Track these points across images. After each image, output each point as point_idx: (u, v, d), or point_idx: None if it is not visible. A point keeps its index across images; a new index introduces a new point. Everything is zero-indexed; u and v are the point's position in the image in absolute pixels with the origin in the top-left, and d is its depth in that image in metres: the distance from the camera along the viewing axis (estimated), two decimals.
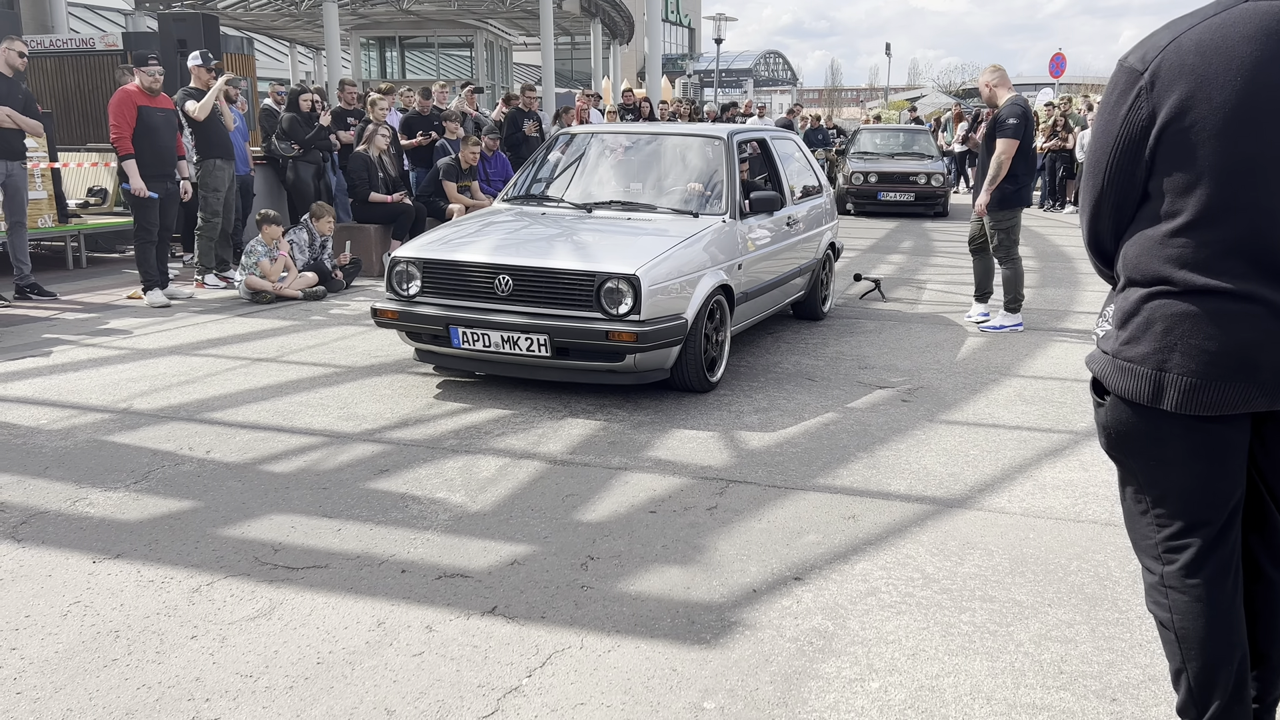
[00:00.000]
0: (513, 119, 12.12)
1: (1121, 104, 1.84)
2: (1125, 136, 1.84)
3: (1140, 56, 1.82)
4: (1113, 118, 1.86)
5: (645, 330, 4.80)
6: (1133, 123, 1.82)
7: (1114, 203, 1.92)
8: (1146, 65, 1.80)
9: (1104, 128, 1.89)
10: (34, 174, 8.97)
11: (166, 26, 10.56)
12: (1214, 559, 1.97)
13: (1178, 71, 1.76)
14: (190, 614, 2.94)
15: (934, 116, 27.62)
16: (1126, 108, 1.83)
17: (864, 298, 8.34)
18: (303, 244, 8.40)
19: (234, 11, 25.01)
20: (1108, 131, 1.88)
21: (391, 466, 4.18)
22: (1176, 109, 1.76)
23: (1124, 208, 1.91)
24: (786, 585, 3.14)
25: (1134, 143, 1.83)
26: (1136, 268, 1.89)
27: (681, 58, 58.63)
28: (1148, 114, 1.80)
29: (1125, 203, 1.90)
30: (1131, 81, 1.82)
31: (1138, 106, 1.81)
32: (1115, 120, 1.85)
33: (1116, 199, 1.91)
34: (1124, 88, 1.83)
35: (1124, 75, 1.84)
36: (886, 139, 17.48)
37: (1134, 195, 1.89)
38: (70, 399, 5.12)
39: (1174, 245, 1.82)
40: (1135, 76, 1.81)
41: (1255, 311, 1.78)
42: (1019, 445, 4.54)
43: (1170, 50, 1.77)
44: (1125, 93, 1.83)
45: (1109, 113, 1.87)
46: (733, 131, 6.39)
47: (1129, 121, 1.83)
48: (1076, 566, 3.29)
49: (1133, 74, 1.82)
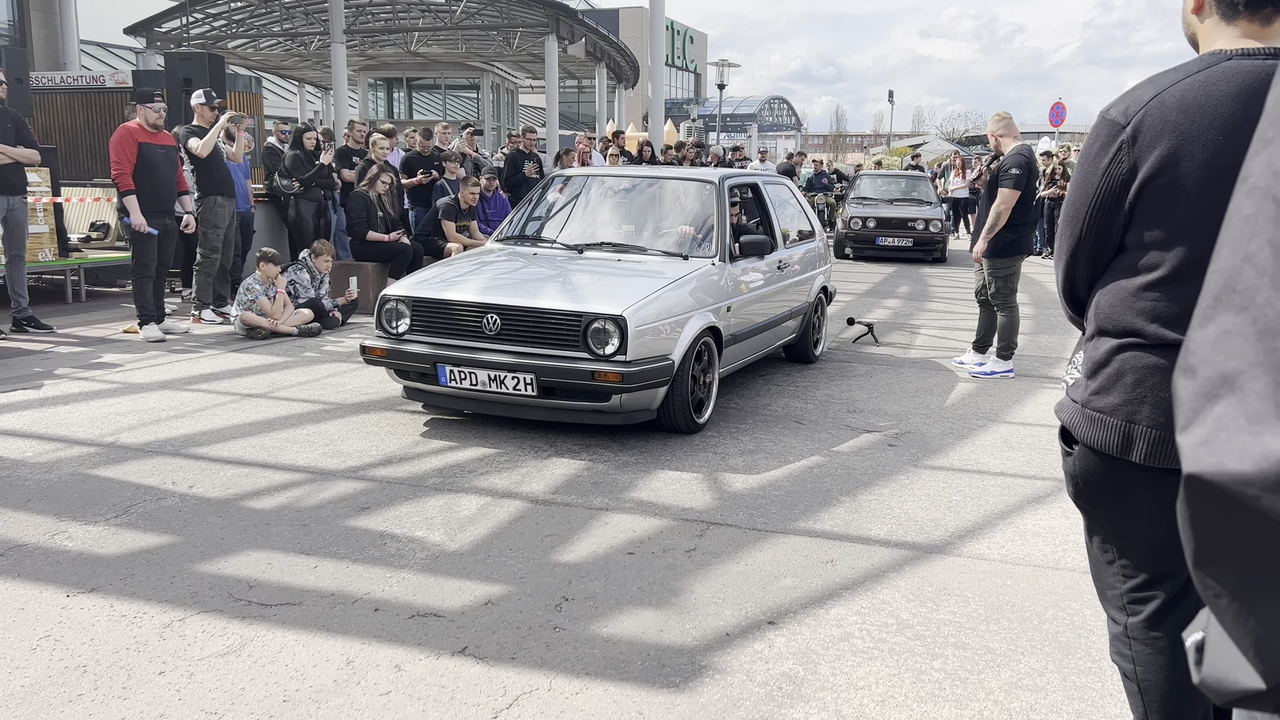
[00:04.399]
0: (513, 160, 12.25)
1: (1103, 156, 1.84)
2: (1105, 188, 1.85)
3: (1123, 110, 1.83)
4: (1093, 169, 1.87)
5: (631, 371, 4.82)
6: (1113, 175, 1.83)
7: (1090, 252, 1.92)
8: (1129, 119, 1.80)
9: (1084, 178, 1.90)
10: (36, 209, 9.06)
11: (173, 65, 10.71)
12: (1178, 612, 1.97)
13: (1160, 127, 1.77)
14: (160, 649, 2.93)
15: (935, 163, 27.85)
16: (1108, 160, 1.83)
17: (857, 341, 8.36)
18: (304, 283, 8.46)
19: (244, 51, 25.37)
20: (1088, 182, 1.88)
21: (373, 504, 4.18)
22: (1158, 165, 1.77)
23: (1100, 258, 1.92)
24: (760, 629, 3.13)
25: (1113, 194, 1.84)
26: (1109, 318, 1.89)
27: (687, 102, 59.23)
28: (1129, 167, 1.81)
29: (1101, 253, 1.91)
30: (1113, 134, 1.82)
31: (1119, 159, 1.82)
32: (1096, 172, 1.86)
33: (1093, 249, 1.92)
34: (1105, 140, 1.84)
35: (1106, 127, 1.85)
36: (886, 185, 17.60)
37: (1111, 245, 1.90)
38: (58, 432, 5.14)
39: (1148, 298, 1.83)
40: (1117, 129, 1.82)
41: None
42: (1002, 491, 4.53)
43: (1153, 105, 1.78)
44: (1106, 145, 1.84)
45: (1090, 163, 1.88)
46: (724, 176, 6.45)
47: (1109, 174, 1.83)
48: (1052, 614, 3.27)
49: (1115, 127, 1.83)
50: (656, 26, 18.06)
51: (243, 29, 23.88)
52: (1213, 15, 1.83)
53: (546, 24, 20.91)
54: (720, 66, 40.06)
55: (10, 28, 21.35)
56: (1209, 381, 0.69)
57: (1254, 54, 1.76)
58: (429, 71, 28.13)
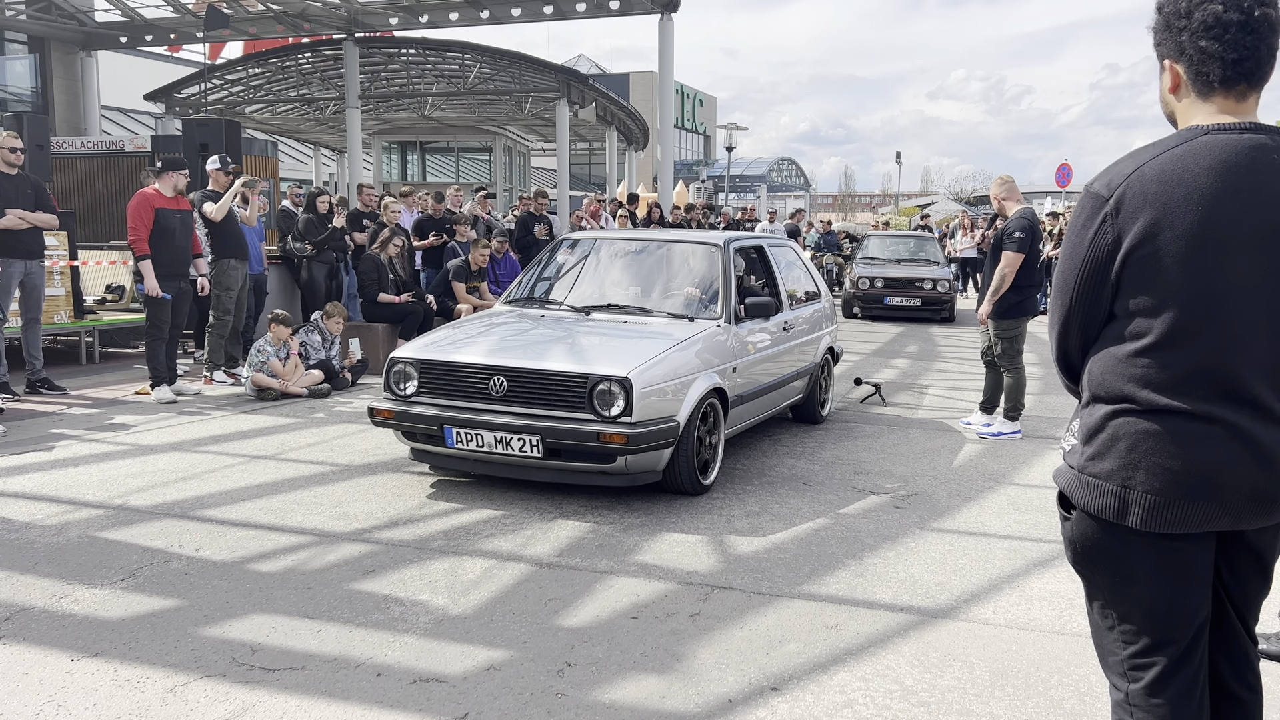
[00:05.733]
0: (523, 222, 12.40)
1: (1088, 228, 1.90)
2: (1092, 259, 1.90)
3: (1106, 183, 1.89)
4: (1080, 240, 1.92)
5: (636, 432, 4.84)
6: (1099, 246, 1.89)
7: (1081, 321, 1.97)
8: (1111, 192, 1.87)
9: (1072, 249, 1.95)
10: (53, 271, 9.21)
11: (190, 130, 10.96)
12: (1179, 678, 1.96)
13: (1141, 200, 1.83)
14: (162, 715, 2.93)
15: (944, 223, 28.04)
16: (1093, 232, 1.89)
17: (864, 401, 8.37)
18: (315, 344, 8.55)
19: (261, 116, 25.87)
20: (1075, 253, 1.94)
21: (378, 567, 4.19)
22: (1141, 235, 1.83)
23: (1090, 326, 1.97)
24: (763, 696, 3.11)
25: (1100, 265, 1.89)
26: (1102, 385, 1.93)
27: (696, 163, 59.98)
28: (1113, 238, 1.86)
29: (1092, 321, 1.96)
30: (1097, 207, 1.89)
31: (1103, 231, 1.87)
32: (1082, 243, 1.92)
33: (1084, 318, 1.96)
34: (1090, 212, 1.90)
35: (1090, 200, 1.91)
36: (894, 245, 17.74)
37: (1100, 314, 1.94)
38: (67, 494, 5.18)
39: (1138, 365, 1.87)
40: (1101, 202, 1.88)
41: (1215, 432, 1.82)
42: (1009, 555, 4.51)
43: (1134, 179, 1.85)
44: (1091, 217, 1.90)
45: (1077, 235, 1.94)
46: (729, 239, 6.53)
47: (1095, 245, 1.89)
48: (1058, 680, 3.24)
49: (1098, 200, 1.89)
50: (666, 91, 18.35)
51: (260, 94, 24.38)
52: (1189, 94, 1.90)
53: (558, 89, 21.29)
54: (729, 130, 40.65)
55: (33, 94, 21.87)
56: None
57: (1229, 129, 1.83)
58: (442, 135, 28.59)
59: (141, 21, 20.67)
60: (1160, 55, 1.94)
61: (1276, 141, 1.82)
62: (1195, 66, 1.87)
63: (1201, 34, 1.84)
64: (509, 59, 21.21)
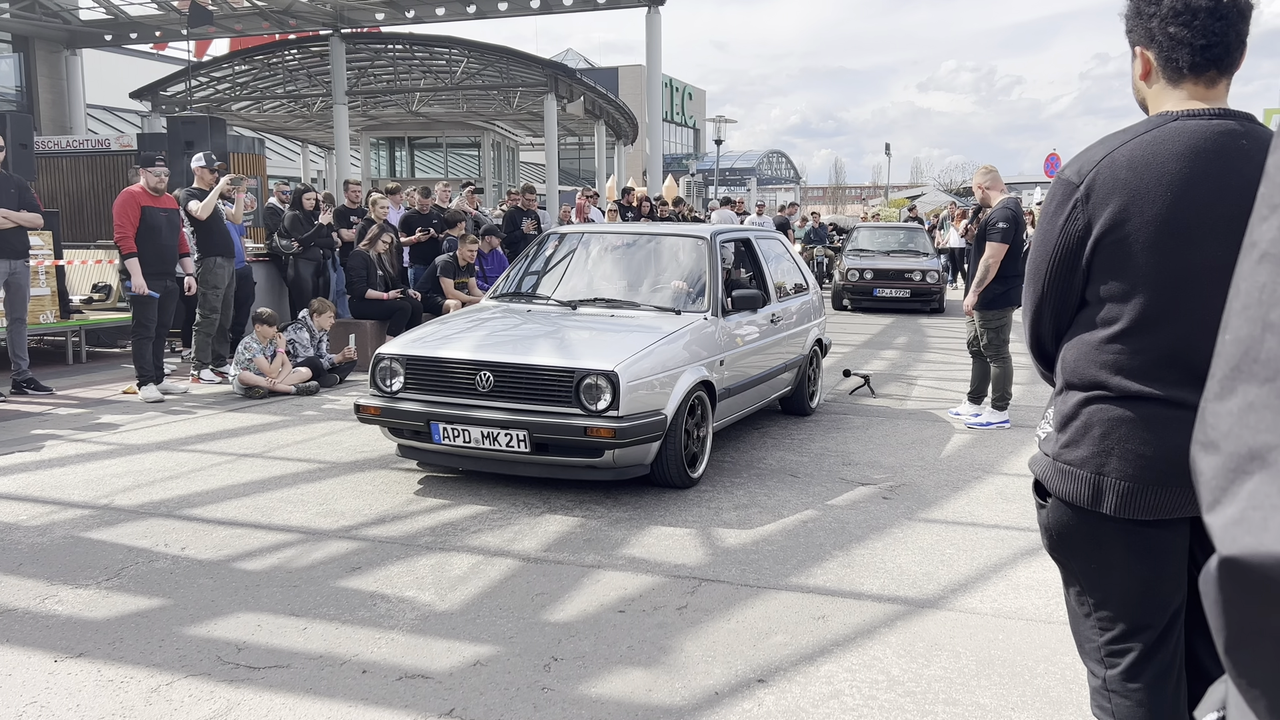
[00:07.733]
0: (511, 218, 12.38)
1: (1059, 214, 1.91)
2: (1063, 245, 1.91)
3: (1076, 170, 1.89)
4: (1051, 227, 1.93)
5: (624, 426, 4.83)
6: (1069, 233, 1.89)
7: (1054, 308, 1.98)
8: (1082, 178, 1.87)
9: (1044, 236, 1.96)
10: (38, 271, 9.15)
11: (175, 128, 10.91)
12: (1155, 663, 1.98)
13: (1111, 186, 1.83)
14: (146, 714, 2.91)
15: (933, 214, 28.06)
16: (1064, 218, 1.90)
17: (853, 393, 8.38)
18: (304, 342, 8.51)
19: (248, 113, 25.73)
20: (1047, 240, 1.94)
21: (364, 564, 4.18)
22: (1111, 221, 1.83)
23: (1063, 313, 1.97)
24: (749, 687, 3.11)
25: (1071, 251, 1.90)
26: (1075, 371, 1.93)
27: (686, 157, 59.86)
28: (1084, 224, 1.87)
29: (1064, 308, 1.96)
30: (1068, 193, 1.89)
31: (1074, 217, 1.88)
32: (1054, 229, 1.92)
33: (1056, 304, 1.97)
34: (1061, 199, 1.91)
35: (1061, 187, 1.91)
36: (883, 237, 17.74)
37: (1072, 301, 1.95)
38: (52, 495, 5.15)
39: (1110, 351, 1.87)
40: (1071, 189, 1.89)
41: (1187, 418, 1.81)
42: (996, 544, 4.52)
43: (1104, 165, 1.85)
44: (1063, 204, 1.90)
45: (1048, 221, 1.95)
46: (716, 232, 6.52)
47: (1066, 231, 1.90)
48: (1044, 669, 3.25)
49: (1069, 186, 1.89)
50: (653, 84, 18.32)
51: (247, 91, 24.25)
52: (1160, 81, 1.90)
53: (546, 84, 21.22)
54: (717, 123, 40.59)
55: (18, 93, 21.73)
56: (1236, 457, 0.65)
57: (1199, 114, 1.83)
58: (430, 131, 28.49)
59: (126, 19, 20.55)
60: (1131, 42, 1.94)
61: (1245, 127, 1.83)
62: (1165, 53, 1.87)
63: (1171, 20, 1.84)
64: (496, 54, 21.13)
